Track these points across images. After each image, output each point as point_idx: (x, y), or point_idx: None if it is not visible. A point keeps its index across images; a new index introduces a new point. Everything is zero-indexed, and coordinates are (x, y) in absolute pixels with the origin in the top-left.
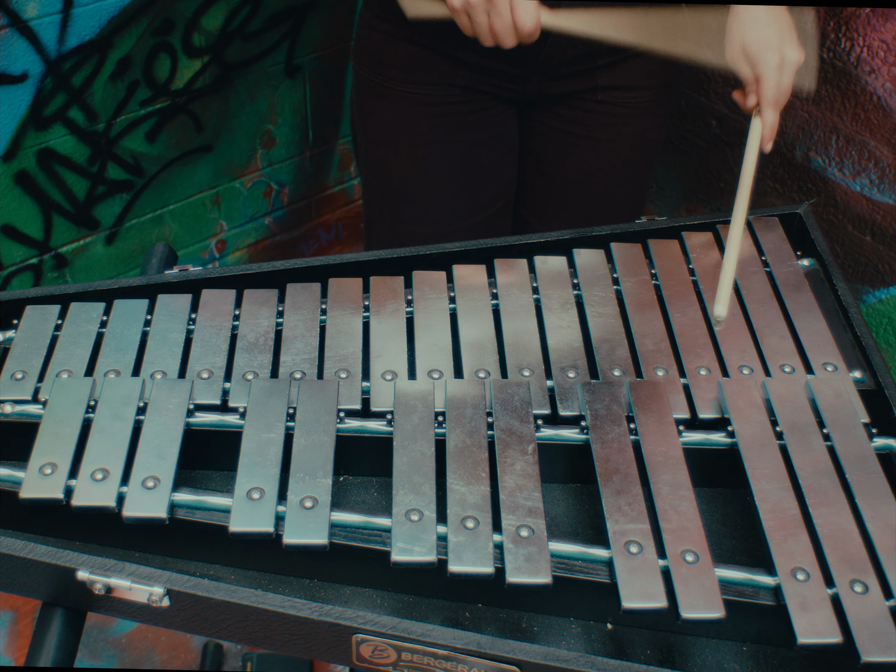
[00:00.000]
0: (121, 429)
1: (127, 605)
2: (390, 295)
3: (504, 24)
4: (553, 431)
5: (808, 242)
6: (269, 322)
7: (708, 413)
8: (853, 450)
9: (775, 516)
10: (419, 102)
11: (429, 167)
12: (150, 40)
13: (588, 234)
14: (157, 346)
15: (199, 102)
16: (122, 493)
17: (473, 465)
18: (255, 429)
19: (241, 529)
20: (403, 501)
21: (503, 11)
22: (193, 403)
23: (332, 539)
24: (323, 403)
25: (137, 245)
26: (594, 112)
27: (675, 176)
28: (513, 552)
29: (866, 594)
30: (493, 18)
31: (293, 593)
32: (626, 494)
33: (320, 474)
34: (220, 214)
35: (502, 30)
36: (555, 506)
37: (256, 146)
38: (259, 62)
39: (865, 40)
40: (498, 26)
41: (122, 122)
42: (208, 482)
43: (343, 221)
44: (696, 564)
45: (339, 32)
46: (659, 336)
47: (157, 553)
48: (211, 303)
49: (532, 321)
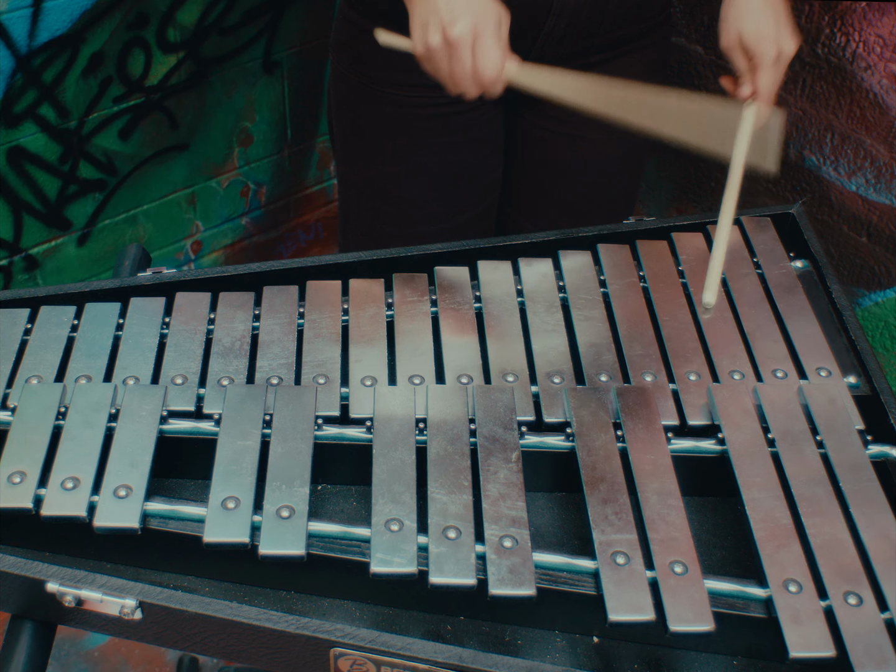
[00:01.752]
0: (92, 436)
1: (98, 617)
2: (370, 298)
3: (466, 72)
4: (538, 439)
5: (801, 243)
6: (246, 326)
7: (697, 420)
8: (847, 458)
9: (767, 526)
10: (401, 103)
11: (411, 167)
12: (124, 35)
13: (574, 235)
14: (130, 350)
15: (174, 99)
16: (93, 502)
17: (455, 473)
18: (231, 436)
19: (216, 540)
20: (383, 511)
21: (465, 59)
22: (167, 410)
23: (310, 550)
24: (300, 410)
25: (110, 246)
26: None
27: (664, 175)
28: (496, 563)
29: (860, 606)
30: (453, 65)
31: (269, 606)
32: (613, 503)
33: (297, 483)
34: (195, 215)
35: (464, 78)
36: (539, 515)
37: (233, 144)
38: (236, 57)
39: (861, 35)
40: (459, 74)
41: (95, 120)
42: (182, 491)
43: (322, 222)
44: (684, 576)
45: (318, 27)
46: (647, 340)
47: (130, 564)
48: (185, 306)
49: (516, 325)
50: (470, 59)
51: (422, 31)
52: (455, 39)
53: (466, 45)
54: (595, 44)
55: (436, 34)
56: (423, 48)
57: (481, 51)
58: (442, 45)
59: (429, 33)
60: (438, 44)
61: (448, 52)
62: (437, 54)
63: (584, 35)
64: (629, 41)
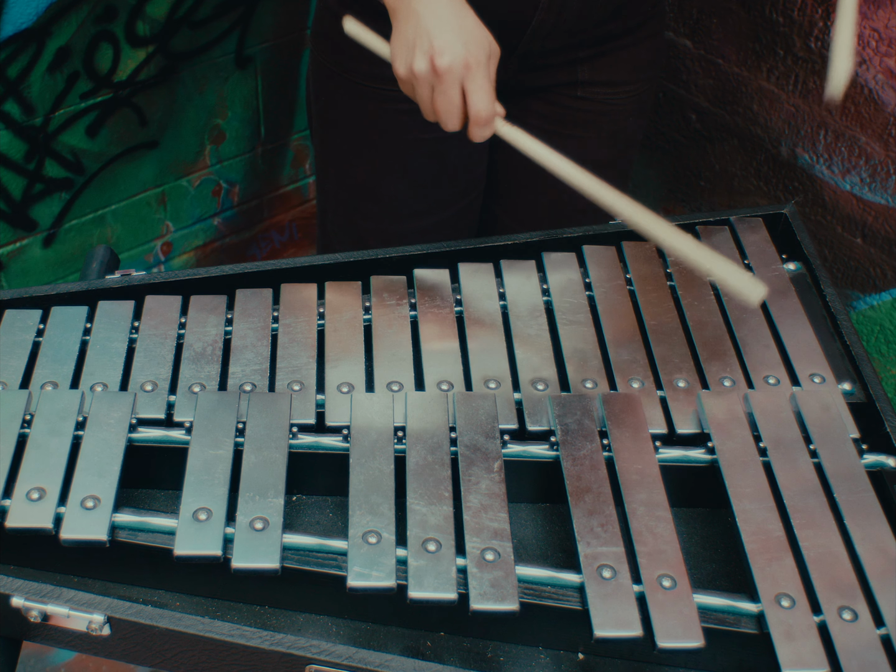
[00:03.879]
0: (58, 445)
1: (65, 633)
2: (347, 301)
3: (450, 106)
4: (521, 447)
5: (794, 245)
6: (218, 330)
7: (686, 428)
8: (842, 467)
9: (758, 538)
10: (382, 97)
11: (392, 163)
12: (91, 29)
13: (559, 236)
14: (98, 356)
15: (143, 95)
16: (59, 513)
17: (435, 483)
18: (202, 445)
19: (187, 553)
20: (360, 523)
21: (450, 92)
22: (136, 418)
23: (285, 563)
24: (274, 418)
25: (77, 248)
26: (572, 109)
27: (652, 174)
28: (477, 577)
29: (855, 622)
30: (437, 97)
31: (242, 621)
32: (599, 515)
33: (271, 493)
34: (165, 215)
35: (446, 111)
36: (522, 527)
37: (205, 142)
38: (207, 52)
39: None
40: (442, 106)
41: (62, 116)
42: (152, 502)
43: (297, 222)
44: (673, 590)
45: (293, 20)
46: (634, 345)
47: (98, 578)
48: (155, 310)
49: (498, 330)
50: (457, 93)
51: (406, 53)
52: (444, 70)
53: (455, 79)
54: (584, 39)
55: (422, 60)
56: (405, 71)
57: (474, 89)
58: (428, 72)
59: (415, 57)
60: (424, 71)
61: (433, 82)
62: (420, 81)
63: (573, 30)
64: (619, 36)
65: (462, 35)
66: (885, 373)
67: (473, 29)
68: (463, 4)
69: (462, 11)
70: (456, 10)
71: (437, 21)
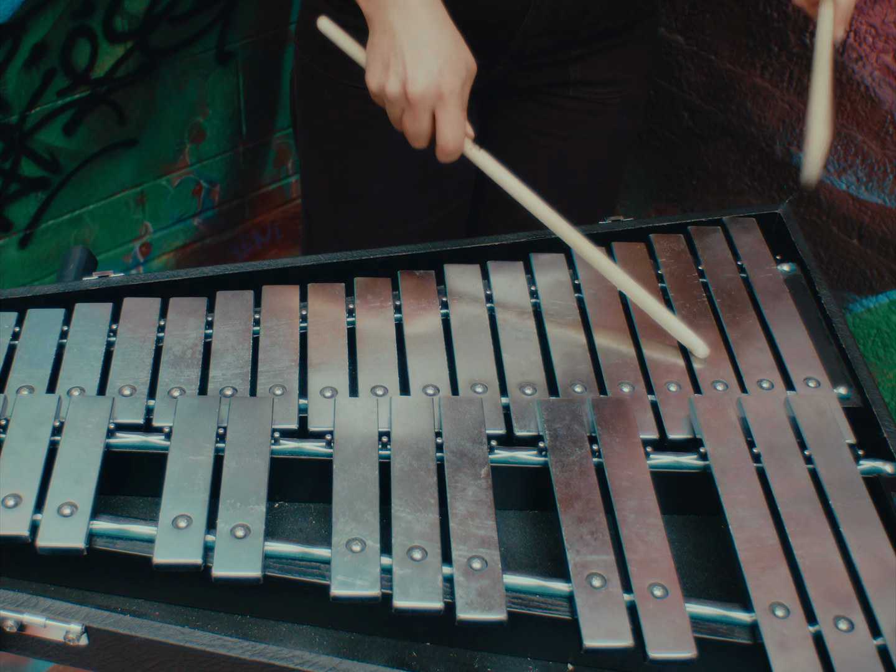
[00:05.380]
0: (34, 451)
1: (41, 643)
2: (330, 304)
3: (418, 131)
4: (508, 453)
5: (788, 245)
6: (198, 333)
7: (678, 433)
8: (838, 473)
9: (752, 546)
10: (367, 97)
11: (378, 165)
12: (69, 24)
13: (547, 236)
14: (75, 359)
15: (121, 92)
16: (35, 521)
17: (421, 490)
18: (182, 451)
19: (167, 561)
20: (344, 530)
21: (420, 118)
22: (114, 423)
23: (266, 571)
24: (256, 423)
25: (54, 249)
26: (564, 109)
27: (643, 173)
28: (464, 586)
29: (852, 632)
30: (406, 119)
31: (223, 631)
32: (589, 522)
33: (253, 500)
34: (144, 215)
35: (413, 134)
36: (510, 535)
37: (185, 140)
38: (188, 48)
39: (852, 24)
40: (411, 130)
41: (38, 114)
42: (130, 509)
43: (279, 223)
44: (664, 599)
45: (275, 16)
46: (625, 349)
47: (75, 587)
48: (134, 312)
49: (485, 333)
50: (427, 119)
51: (380, 71)
52: (415, 98)
53: (427, 106)
54: (576, 38)
55: (395, 83)
56: (377, 88)
57: (445, 120)
58: (400, 96)
59: (388, 78)
60: (396, 94)
61: (405, 105)
62: (391, 101)
63: (566, 29)
64: (612, 35)
65: (438, 59)
66: (882, 377)
67: (451, 50)
68: (442, 19)
69: (440, 28)
70: (434, 26)
71: (412, 42)
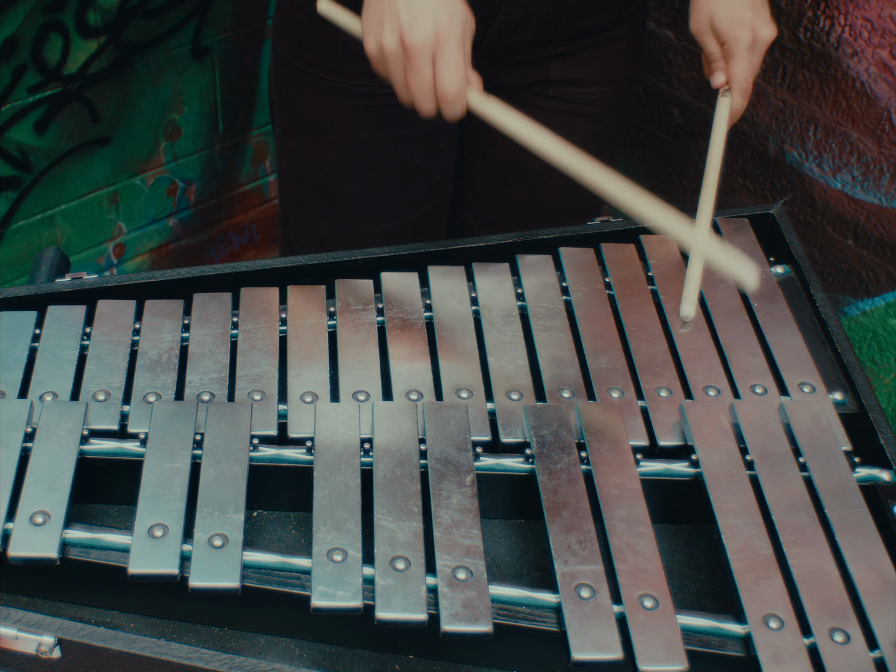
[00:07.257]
0: (6, 457)
1: (12, 656)
2: (310, 306)
3: (422, 85)
4: (494, 460)
5: (782, 247)
6: (174, 337)
7: (669, 440)
8: (833, 481)
9: (745, 556)
10: (347, 93)
11: (355, 162)
12: (40, 19)
13: (534, 237)
14: (47, 363)
15: (94, 89)
16: (6, 530)
17: (404, 498)
18: (158, 457)
19: (142, 571)
20: (325, 540)
21: (422, 70)
22: (88, 429)
23: (245, 582)
24: (234, 429)
25: (25, 250)
26: (545, 109)
27: (632, 172)
28: (448, 597)
29: (847, 644)
30: (409, 75)
31: (201, 643)
32: (577, 531)
33: (231, 509)
34: (118, 215)
35: (419, 90)
36: (496, 544)
37: (159, 138)
38: (162, 43)
39: (847, 19)
40: (414, 85)
41: (8, 111)
42: (105, 518)
43: (257, 223)
44: (655, 611)
45: (252, 10)
46: (614, 353)
47: (48, 598)
48: (108, 315)
49: (470, 336)
50: (429, 70)
51: (376, 29)
52: (413, 47)
53: (426, 55)
54: (556, 35)
55: (392, 37)
56: (375, 49)
57: (443, 64)
58: (398, 50)
59: (384, 33)
60: (394, 48)
61: (404, 60)
62: (391, 59)
63: (543, 25)
64: (595, 33)
65: (433, 8)
66: (879, 382)
67: (447, 1)
68: None
69: None
70: None
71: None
